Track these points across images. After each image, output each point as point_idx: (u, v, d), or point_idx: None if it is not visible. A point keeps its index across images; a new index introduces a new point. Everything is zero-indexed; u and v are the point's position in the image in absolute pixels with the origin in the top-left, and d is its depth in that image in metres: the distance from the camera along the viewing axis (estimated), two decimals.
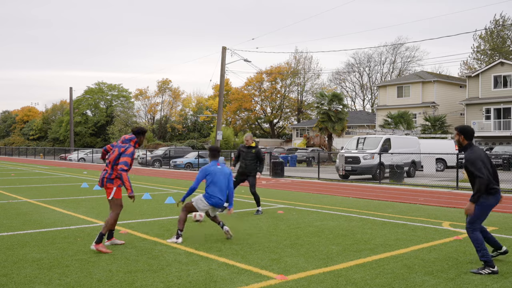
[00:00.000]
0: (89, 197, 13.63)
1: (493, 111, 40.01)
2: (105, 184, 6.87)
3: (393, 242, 7.36)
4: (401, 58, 73.42)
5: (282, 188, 17.34)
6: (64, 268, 5.68)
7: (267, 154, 27.46)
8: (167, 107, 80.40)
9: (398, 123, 39.02)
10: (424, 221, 9.46)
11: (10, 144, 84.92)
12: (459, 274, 5.54)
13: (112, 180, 6.86)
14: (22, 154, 63.37)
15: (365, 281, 5.20)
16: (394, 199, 13.68)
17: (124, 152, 6.88)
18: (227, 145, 54.29)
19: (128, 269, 5.63)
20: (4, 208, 10.99)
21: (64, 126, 79.13)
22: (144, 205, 11.86)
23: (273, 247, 6.90)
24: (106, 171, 6.90)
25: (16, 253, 6.44)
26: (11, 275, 5.35)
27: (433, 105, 45.57)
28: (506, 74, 39.69)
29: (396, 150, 23.04)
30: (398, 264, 5.96)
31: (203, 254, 6.42)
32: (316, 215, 10.24)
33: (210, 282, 5.15)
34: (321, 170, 24.21)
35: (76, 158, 46.25)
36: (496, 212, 10.90)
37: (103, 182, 6.90)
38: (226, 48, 34.45)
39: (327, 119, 43.76)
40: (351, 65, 76.54)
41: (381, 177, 20.81)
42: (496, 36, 60.97)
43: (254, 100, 75.10)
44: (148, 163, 36.27)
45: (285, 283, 5.13)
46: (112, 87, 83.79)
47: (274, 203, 12.40)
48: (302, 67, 73.90)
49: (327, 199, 13.59)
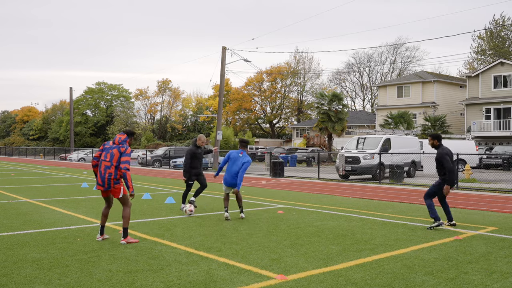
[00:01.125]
0: (89, 197, 13.63)
1: (493, 111, 40.00)
2: (112, 185, 7.00)
3: (393, 242, 7.36)
4: (401, 58, 73.50)
5: (282, 188, 17.34)
6: (64, 268, 5.68)
7: (267, 154, 27.48)
8: (167, 107, 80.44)
9: (398, 123, 39.02)
10: (424, 221, 9.46)
11: (10, 144, 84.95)
12: (459, 274, 5.54)
13: (118, 180, 7.04)
14: (22, 154, 63.38)
15: (365, 281, 5.20)
16: (394, 199, 13.68)
17: (125, 152, 7.03)
18: (227, 145, 54.29)
19: (128, 269, 5.63)
20: (4, 208, 10.99)
21: (64, 126, 79.15)
22: (144, 205, 11.86)
23: (273, 247, 6.90)
24: (110, 173, 6.96)
25: (16, 253, 6.44)
26: (11, 275, 5.35)
27: (433, 105, 45.57)
28: (506, 74, 39.68)
29: (396, 150, 23.05)
30: (398, 264, 5.96)
31: (203, 254, 6.42)
32: (316, 215, 10.24)
33: (210, 282, 5.15)
34: (321, 170, 24.21)
35: (76, 158, 46.27)
36: (496, 212, 10.92)
37: (109, 184, 6.99)
38: (226, 48, 34.45)
39: (327, 119, 43.77)
40: (351, 65, 76.63)
41: (381, 177, 20.81)
42: (496, 36, 60.97)
43: (254, 100, 75.13)
44: (148, 163, 36.27)
45: (285, 283, 5.12)
46: (112, 87, 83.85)
47: (274, 203, 12.41)
48: (302, 67, 73.95)
49: (327, 199, 13.59)
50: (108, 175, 6.96)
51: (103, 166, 7.06)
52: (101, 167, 7.08)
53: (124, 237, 7.06)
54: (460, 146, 28.50)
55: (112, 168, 6.99)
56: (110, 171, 6.98)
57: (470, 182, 19.96)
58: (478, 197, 14.36)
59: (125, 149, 7.05)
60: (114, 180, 7.00)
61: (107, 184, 7.00)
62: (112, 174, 6.97)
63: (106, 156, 7.09)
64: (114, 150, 7.06)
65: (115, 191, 7.09)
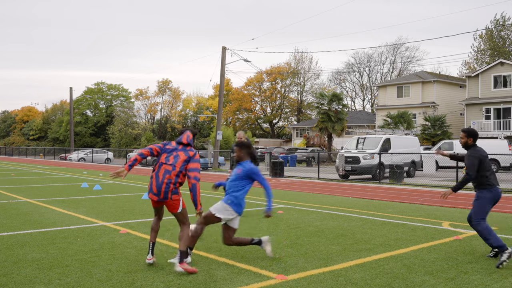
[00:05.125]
0: (89, 197, 13.63)
1: (493, 111, 40.01)
2: (169, 196, 5.63)
3: (393, 242, 7.37)
4: (401, 58, 73.48)
5: (282, 188, 17.35)
6: (64, 268, 5.68)
7: (267, 154, 27.47)
8: (168, 107, 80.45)
9: (398, 123, 39.02)
10: (424, 221, 9.47)
11: (10, 144, 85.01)
12: (459, 274, 5.54)
13: (178, 190, 5.71)
14: (22, 154, 63.38)
15: (365, 281, 5.20)
16: (394, 199, 13.68)
17: (194, 157, 5.75)
18: (227, 145, 54.29)
19: (128, 269, 5.63)
20: (4, 208, 10.99)
21: (64, 126, 79.17)
22: (144, 205, 11.85)
23: (273, 247, 6.89)
24: (169, 180, 5.61)
25: (16, 253, 6.44)
26: (11, 275, 5.35)
27: (433, 105, 45.57)
28: (506, 74, 39.69)
29: (396, 150, 23.06)
30: (398, 264, 5.96)
31: (203, 254, 6.42)
32: (316, 215, 10.24)
33: (210, 282, 5.15)
34: (321, 170, 24.21)
35: (76, 158, 46.30)
36: (496, 212, 10.91)
37: (166, 194, 5.61)
38: (226, 48, 34.45)
39: (327, 119, 43.78)
40: (351, 65, 76.60)
41: (381, 177, 20.81)
42: (496, 36, 60.97)
43: (254, 100, 75.11)
44: (148, 163, 36.27)
45: (285, 283, 5.13)
46: (112, 87, 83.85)
47: (274, 203, 12.39)
48: (302, 67, 73.95)
49: (327, 199, 13.59)
50: (168, 181, 5.59)
51: (162, 171, 5.66)
52: (159, 171, 5.68)
53: (181, 261, 5.52)
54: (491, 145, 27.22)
55: (174, 173, 5.63)
56: (170, 177, 5.61)
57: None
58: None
59: (194, 154, 5.76)
60: (173, 190, 5.63)
61: (163, 194, 5.61)
62: (172, 181, 5.61)
63: (168, 159, 5.71)
64: (180, 153, 5.75)
65: (172, 204, 5.70)
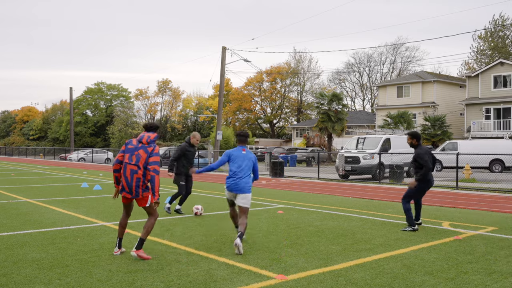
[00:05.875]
0: (89, 197, 13.63)
1: (493, 111, 40.01)
2: (140, 194, 6.09)
3: (393, 242, 7.37)
4: (401, 58, 73.52)
5: (282, 188, 17.34)
6: (64, 268, 5.68)
7: (267, 154, 27.48)
8: (168, 107, 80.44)
9: (398, 123, 39.03)
10: (424, 221, 9.46)
11: (10, 144, 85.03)
12: (459, 274, 5.54)
13: (147, 188, 6.12)
14: (22, 154, 63.38)
15: (365, 281, 5.20)
16: (394, 199, 13.68)
17: (153, 151, 6.15)
18: (227, 145, 54.27)
19: (128, 269, 5.63)
20: (4, 208, 10.99)
21: (64, 126, 79.20)
22: None
23: (273, 247, 6.90)
24: (138, 179, 6.04)
25: (16, 253, 6.44)
26: (11, 275, 5.35)
27: (433, 105, 45.57)
28: (506, 74, 39.69)
29: (396, 150, 23.06)
30: (398, 264, 5.96)
31: (203, 254, 6.42)
32: (316, 215, 10.24)
33: (210, 282, 5.15)
34: (321, 170, 24.21)
35: (76, 158, 46.28)
36: (496, 212, 10.93)
37: (137, 191, 6.08)
38: (226, 48, 34.45)
39: (327, 119, 43.78)
40: (351, 65, 76.64)
41: (381, 177, 20.81)
42: (496, 36, 60.98)
43: (254, 100, 75.12)
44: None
45: (285, 283, 5.13)
46: (112, 87, 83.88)
47: (274, 203, 12.41)
48: (301, 67, 73.94)
49: (327, 199, 13.59)
50: (136, 181, 6.04)
51: (128, 171, 6.08)
52: (126, 171, 6.10)
53: (138, 248, 6.06)
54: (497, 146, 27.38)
55: (140, 172, 6.05)
56: (138, 176, 6.05)
57: (470, 182, 19.96)
58: (478, 197, 14.36)
59: (153, 148, 6.16)
60: (143, 187, 6.08)
61: (134, 192, 6.07)
62: (141, 180, 6.04)
63: (131, 159, 6.11)
64: (140, 151, 6.13)
65: (142, 200, 6.15)
